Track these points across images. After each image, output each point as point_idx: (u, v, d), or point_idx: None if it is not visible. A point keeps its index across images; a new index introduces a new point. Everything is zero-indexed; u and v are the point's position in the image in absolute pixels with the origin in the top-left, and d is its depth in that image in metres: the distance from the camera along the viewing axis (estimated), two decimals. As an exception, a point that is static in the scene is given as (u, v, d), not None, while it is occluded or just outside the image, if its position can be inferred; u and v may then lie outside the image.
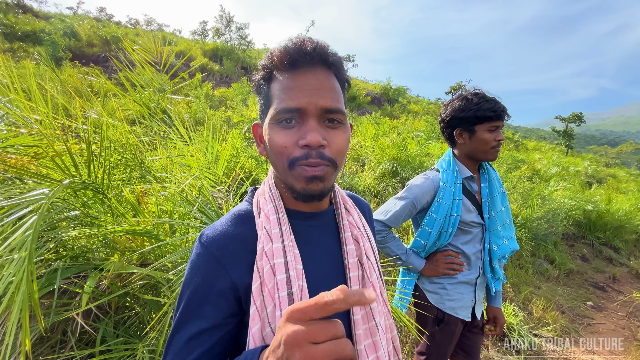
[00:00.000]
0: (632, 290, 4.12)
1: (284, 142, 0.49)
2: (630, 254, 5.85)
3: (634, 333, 2.94)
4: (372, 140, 7.34)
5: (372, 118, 12.94)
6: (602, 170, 14.45)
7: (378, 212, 1.30)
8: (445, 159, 1.30)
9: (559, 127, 27.51)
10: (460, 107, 1.22)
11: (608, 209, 6.22)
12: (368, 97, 19.57)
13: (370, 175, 5.67)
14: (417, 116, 18.79)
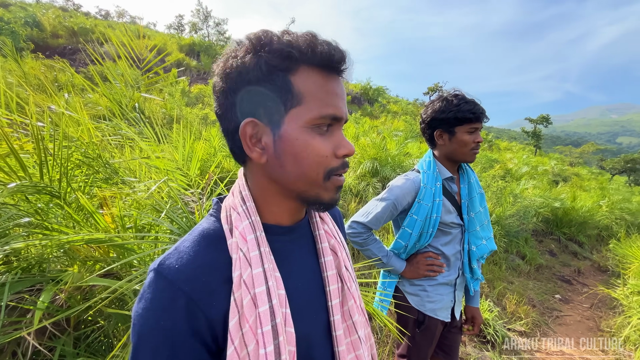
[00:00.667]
0: (596, 283, 4.38)
1: (326, 150, 0.45)
2: (592, 248, 6.22)
3: (597, 324, 3.12)
4: (353, 139, 7.36)
5: (353, 118, 13.02)
6: (567, 169, 15.35)
7: (359, 214, 1.28)
8: (425, 159, 1.29)
9: (528, 128, 28.99)
10: (441, 109, 1.21)
11: (573, 206, 6.59)
12: (349, 96, 19.71)
13: (351, 174, 5.69)
14: (396, 116, 19.12)
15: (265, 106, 0.44)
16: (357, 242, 1.29)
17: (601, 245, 6.27)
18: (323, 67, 0.44)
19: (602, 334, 2.88)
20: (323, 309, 0.53)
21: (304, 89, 0.43)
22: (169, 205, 0.97)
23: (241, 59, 0.43)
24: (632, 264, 3.54)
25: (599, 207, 7.06)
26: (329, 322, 0.53)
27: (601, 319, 3.21)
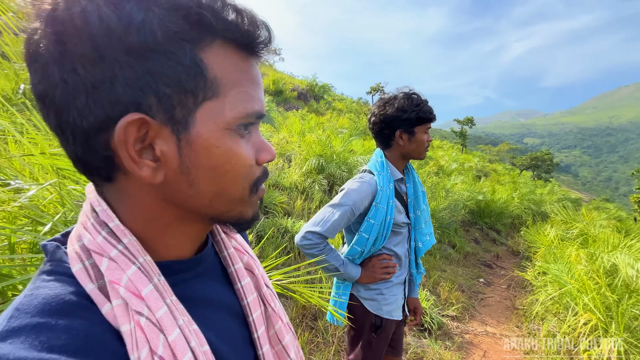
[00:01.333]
0: (511, 266, 5.02)
1: (250, 158, 0.35)
2: (507, 235, 7.15)
3: (513, 303, 3.56)
4: (299, 136, 7.30)
5: (299, 114, 12.95)
6: (487, 166, 17.46)
7: (312, 223, 1.18)
8: (377, 160, 1.25)
9: (456, 128, 32.31)
10: (403, 108, 1.19)
11: (492, 198, 7.48)
12: (294, 92, 19.57)
13: (296, 171, 5.62)
14: (341, 114, 19.59)
15: (161, 95, 0.28)
16: (313, 254, 1.18)
17: (514, 232, 7.22)
18: (245, 45, 0.33)
19: (517, 312, 3.30)
20: (248, 344, 0.43)
21: (222, 74, 0.31)
22: (59, 217, 0.76)
23: (114, 4, 0.26)
24: (539, 248, 4.12)
25: (512, 199, 8.13)
26: (257, 356, 0.43)
27: (516, 298, 3.67)
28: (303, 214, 4.34)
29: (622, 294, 2.31)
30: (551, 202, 9.49)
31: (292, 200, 4.67)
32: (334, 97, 27.41)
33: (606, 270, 2.63)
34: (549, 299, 2.79)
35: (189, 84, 0.29)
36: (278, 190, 4.74)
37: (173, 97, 0.29)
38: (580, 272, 2.59)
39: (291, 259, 3.16)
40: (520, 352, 2.55)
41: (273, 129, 8.70)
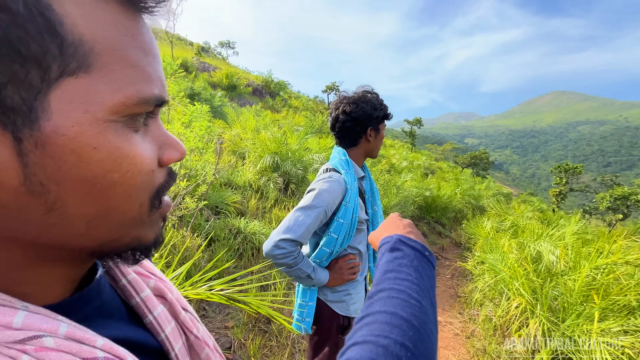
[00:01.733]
0: (454, 257, 5.43)
1: (150, 160, 0.26)
2: (451, 228, 7.73)
3: (456, 291, 3.84)
4: (253, 132, 7.08)
5: (254, 110, 12.60)
6: (433, 164, 18.75)
7: (284, 230, 1.08)
8: (341, 159, 1.22)
9: (407, 128, 34.20)
10: (374, 107, 1.19)
11: (438, 194, 8.02)
12: (249, 87, 19.02)
13: (251, 169, 5.44)
14: (297, 111, 19.51)
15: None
16: (287, 263, 1.07)
17: (457, 225, 7.83)
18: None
19: (459, 299, 3.56)
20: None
21: (94, 36, 0.21)
22: None
23: None
24: (477, 239, 4.50)
25: (455, 195, 8.81)
26: None
27: (458, 287, 3.97)
28: (257, 214, 4.21)
29: (545, 277, 2.61)
30: (487, 197, 10.51)
31: (245, 200, 4.51)
32: (290, 95, 27.23)
33: (532, 258, 2.95)
34: (486, 286, 3.06)
35: (27, 46, 0.18)
36: (231, 189, 4.54)
37: (8, 71, 0.18)
38: (512, 260, 2.87)
39: (244, 261, 3.04)
40: (462, 337, 2.75)
41: (226, 125, 8.35)
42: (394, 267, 0.47)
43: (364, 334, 0.37)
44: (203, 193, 2.49)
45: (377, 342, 0.35)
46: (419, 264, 0.48)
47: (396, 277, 0.45)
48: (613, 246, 2.61)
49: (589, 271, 2.34)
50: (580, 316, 2.12)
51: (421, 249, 0.51)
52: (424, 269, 0.48)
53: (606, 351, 1.77)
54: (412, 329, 0.37)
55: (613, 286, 2.18)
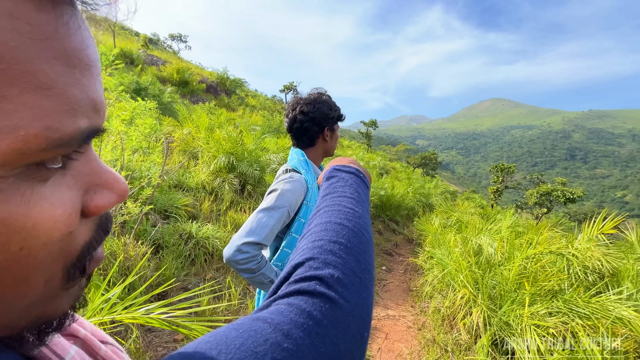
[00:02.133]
0: (407, 252, 5.71)
1: (65, 218, 0.18)
2: (404, 225, 8.13)
3: (409, 285, 4.04)
4: (207, 131, 6.75)
5: (207, 107, 12.02)
6: (388, 164, 19.60)
7: (245, 233, 1.02)
8: (300, 159, 1.22)
9: (363, 130, 35.28)
10: (330, 107, 1.22)
11: (392, 193, 8.40)
12: (203, 84, 18.12)
13: (204, 170, 5.18)
14: (254, 110, 19.07)
15: None
16: (251, 268, 1.02)
17: (409, 222, 8.26)
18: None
19: (411, 293, 3.75)
20: None
21: None
22: None
23: None
24: (427, 235, 4.79)
25: (407, 193, 9.29)
26: None
27: (411, 281, 4.19)
28: (211, 217, 4.02)
29: (486, 269, 2.85)
30: (436, 195, 11.26)
31: (198, 202, 4.27)
32: (247, 93, 26.52)
33: (475, 251, 3.21)
34: (435, 279, 3.26)
35: None
36: (182, 192, 4.27)
37: None
38: (457, 254, 3.10)
39: (197, 267, 2.87)
40: (414, 329, 2.90)
41: (176, 123, 7.84)
42: (329, 191, 0.50)
43: (302, 245, 0.40)
44: (148, 196, 2.29)
45: (314, 245, 0.38)
46: (354, 182, 0.52)
47: (331, 197, 0.48)
48: (540, 237, 2.94)
49: (521, 261, 2.61)
50: (514, 302, 2.35)
51: (355, 172, 0.56)
52: (359, 185, 0.52)
53: (535, 332, 1.98)
54: (345, 229, 0.40)
55: (540, 273, 2.45)
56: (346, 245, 0.37)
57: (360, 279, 0.35)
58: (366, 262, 0.37)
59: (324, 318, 0.29)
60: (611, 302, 2.04)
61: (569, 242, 2.83)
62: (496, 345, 2.26)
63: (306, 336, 0.27)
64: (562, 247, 2.69)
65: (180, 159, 5.52)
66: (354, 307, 0.31)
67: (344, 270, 0.34)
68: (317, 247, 0.37)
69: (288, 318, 0.28)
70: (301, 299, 0.30)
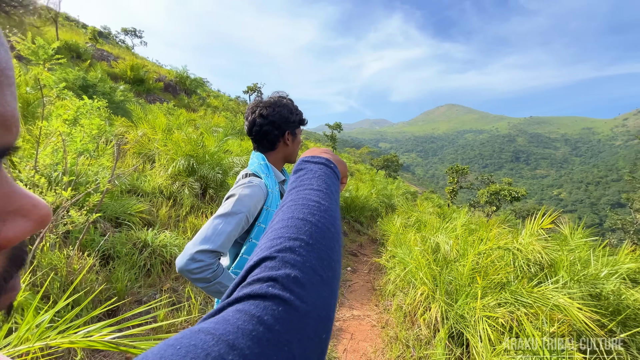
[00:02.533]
0: (371, 252, 5.86)
1: None
2: (368, 225, 8.34)
3: (373, 285, 4.15)
4: (164, 133, 6.38)
5: (165, 108, 11.39)
6: (352, 166, 20.00)
7: (201, 240, 0.96)
8: (260, 163, 1.19)
9: (328, 132, 35.73)
10: (290, 111, 1.20)
11: (357, 194, 8.58)
12: (160, 83, 17.14)
13: (161, 173, 4.89)
14: (216, 111, 18.43)
15: None
16: (206, 277, 0.96)
17: (373, 223, 8.49)
18: None
19: (375, 292, 3.85)
20: None
21: None
22: None
23: None
24: (389, 235, 4.95)
25: (371, 195, 9.56)
26: None
27: (375, 280, 4.30)
28: (169, 223, 3.80)
29: (443, 265, 3.01)
30: (398, 196, 11.71)
31: (155, 209, 4.02)
32: (209, 93, 25.57)
33: (433, 249, 3.39)
34: (397, 277, 3.38)
35: None
36: (136, 197, 3.98)
37: None
38: (417, 252, 3.24)
39: (153, 278, 2.69)
40: (378, 327, 2.98)
41: (130, 124, 7.31)
42: (296, 184, 0.49)
43: (260, 244, 0.38)
44: (96, 203, 2.10)
45: (272, 243, 0.36)
46: (323, 173, 0.51)
47: (297, 190, 0.47)
48: (490, 234, 3.18)
49: (474, 257, 2.80)
50: (468, 296, 2.51)
51: (325, 162, 0.54)
52: (328, 177, 0.51)
53: (486, 323, 2.14)
54: (308, 224, 0.38)
55: (490, 268, 2.65)
56: (307, 242, 0.36)
57: (322, 277, 0.33)
58: (330, 258, 0.36)
59: (276, 323, 0.27)
60: (550, 291, 2.26)
61: (514, 237, 3.09)
62: (453, 337, 2.39)
63: (255, 345, 0.25)
64: (509, 242, 2.93)
65: (134, 162, 5.16)
66: (311, 309, 0.30)
67: (303, 268, 0.32)
68: (275, 245, 0.35)
69: (235, 326, 0.26)
70: (251, 304, 0.29)
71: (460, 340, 2.36)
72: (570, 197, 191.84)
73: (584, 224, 3.86)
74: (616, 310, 2.37)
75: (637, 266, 2.75)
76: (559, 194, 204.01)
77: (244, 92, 29.83)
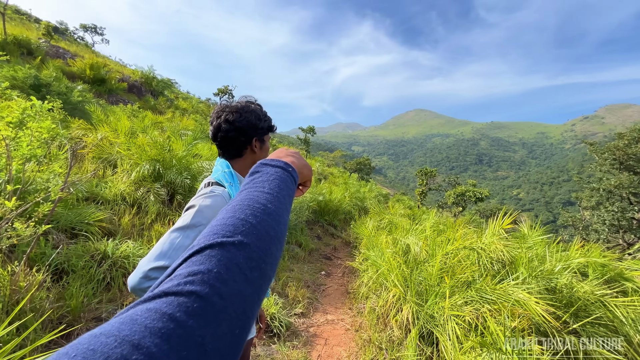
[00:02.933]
0: (345, 255, 5.90)
1: None
2: (342, 228, 8.40)
3: (346, 288, 4.16)
4: (128, 136, 6.04)
5: (129, 109, 10.80)
6: (326, 169, 20.12)
7: (156, 256, 0.88)
8: (224, 171, 1.13)
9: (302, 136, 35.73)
10: (259, 117, 1.15)
11: (330, 198, 8.62)
12: (124, 83, 16.22)
13: (124, 179, 4.61)
14: (185, 113, 17.78)
15: None
16: None
17: (347, 226, 8.57)
18: None
19: (349, 295, 3.87)
20: None
21: None
22: None
23: None
24: (362, 239, 5.01)
25: (344, 198, 9.65)
26: None
27: (348, 283, 4.32)
28: (132, 232, 3.58)
29: (413, 266, 3.09)
30: (371, 198, 11.92)
31: (116, 216, 3.78)
32: (178, 95, 24.63)
33: (403, 250, 3.47)
34: (370, 280, 3.42)
35: None
36: (95, 205, 3.72)
37: None
38: (388, 255, 3.30)
39: (113, 293, 2.51)
40: (352, 331, 2.99)
41: (89, 126, 6.84)
42: (248, 186, 0.49)
43: (196, 239, 0.38)
44: (46, 213, 1.93)
45: (205, 239, 0.36)
46: (278, 177, 0.52)
47: (247, 192, 0.47)
48: (456, 234, 3.31)
49: (442, 257, 2.90)
50: (437, 295, 2.60)
51: (283, 165, 0.55)
52: (282, 180, 0.51)
53: (454, 322, 2.21)
54: (247, 225, 0.39)
55: (457, 267, 2.76)
56: (241, 241, 0.36)
57: (246, 275, 0.34)
58: (261, 259, 0.36)
59: (189, 318, 0.27)
60: (511, 287, 2.39)
61: (479, 237, 3.25)
62: (424, 337, 2.46)
63: (164, 342, 0.24)
64: (474, 242, 3.07)
65: (93, 168, 4.82)
66: (228, 304, 0.30)
67: (228, 265, 0.33)
68: (207, 241, 0.35)
69: (142, 326, 0.25)
70: (164, 302, 0.28)
71: (430, 340, 2.42)
72: (527, 197, 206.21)
73: (540, 222, 4.15)
74: (569, 302, 2.55)
75: (586, 260, 2.99)
76: (518, 194, 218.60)
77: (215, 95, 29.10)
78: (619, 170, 13.81)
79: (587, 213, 14.91)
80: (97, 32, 38.67)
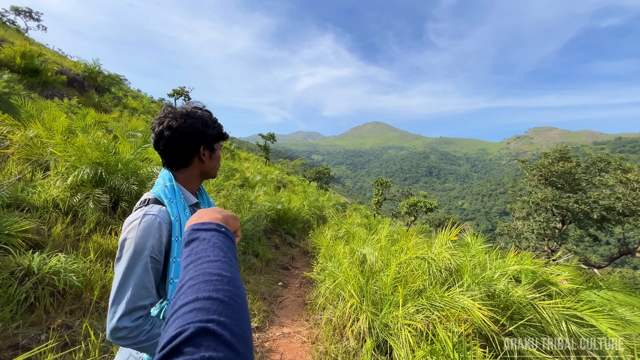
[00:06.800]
0: (303, 265, 5.86)
1: None
2: (300, 238, 8.36)
3: (304, 299, 4.13)
4: (64, 135, 5.42)
5: (67, 105, 9.75)
6: (285, 177, 19.99)
7: (115, 304, 0.86)
8: (166, 185, 1.03)
9: (261, 142, 35.20)
10: (206, 124, 1.07)
11: (289, 207, 8.56)
12: (63, 76, 14.61)
13: (57, 183, 4.11)
14: (135, 113, 16.52)
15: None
16: (141, 341, 0.86)
17: (305, 235, 8.55)
18: None
19: (306, 307, 3.84)
20: None
21: None
22: None
23: None
24: (320, 248, 5.03)
25: (303, 207, 9.64)
26: None
27: (306, 294, 4.29)
28: (65, 244, 3.19)
29: (369, 276, 3.17)
30: (329, 207, 12.07)
31: (46, 226, 3.34)
32: (127, 92, 22.84)
33: (360, 260, 3.55)
34: (327, 290, 3.43)
35: None
36: (19, 213, 3.25)
37: None
38: (346, 265, 3.35)
39: (38, 314, 2.20)
40: (309, 343, 2.95)
41: (16, 122, 6.01)
42: (191, 259, 0.48)
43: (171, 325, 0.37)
44: (-45, 225, 1.63)
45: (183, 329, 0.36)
46: (218, 240, 0.52)
47: (194, 265, 0.46)
48: (409, 244, 3.48)
49: (396, 267, 3.02)
50: (391, 304, 2.69)
51: (216, 228, 0.55)
52: (223, 243, 0.52)
53: (407, 330, 2.31)
54: (216, 303, 0.39)
55: (410, 276, 2.89)
56: (219, 321, 0.37)
57: (238, 351, 0.35)
58: (242, 330, 0.38)
59: None
60: (457, 294, 2.56)
61: (429, 247, 3.45)
62: (379, 346, 2.51)
63: None
64: (425, 252, 3.25)
65: (19, 170, 4.24)
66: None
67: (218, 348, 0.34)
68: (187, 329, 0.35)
69: None
70: None
71: (385, 348, 2.49)
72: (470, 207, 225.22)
73: (482, 231, 4.54)
74: (505, 306, 2.81)
75: (519, 267, 3.33)
76: (463, 204, 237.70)
77: (170, 95, 27.55)
78: (545, 185, 15.75)
79: (519, 223, 16.68)
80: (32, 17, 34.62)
